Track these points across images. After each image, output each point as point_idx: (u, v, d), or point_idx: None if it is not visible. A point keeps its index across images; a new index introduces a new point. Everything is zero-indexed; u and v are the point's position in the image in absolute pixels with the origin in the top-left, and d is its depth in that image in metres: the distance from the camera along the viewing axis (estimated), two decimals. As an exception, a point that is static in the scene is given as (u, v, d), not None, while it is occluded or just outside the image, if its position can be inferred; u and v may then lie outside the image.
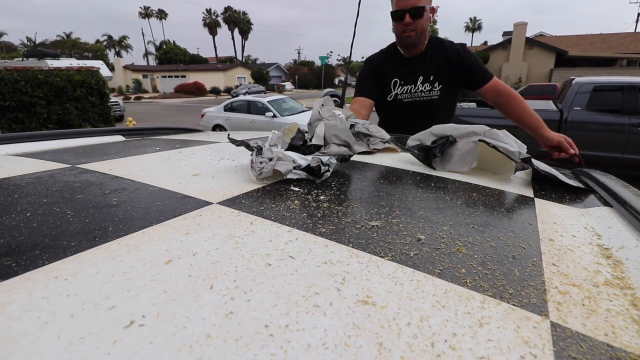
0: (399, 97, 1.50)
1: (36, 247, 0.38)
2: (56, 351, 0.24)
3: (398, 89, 1.49)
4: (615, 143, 4.30)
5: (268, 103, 7.59)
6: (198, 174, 0.67)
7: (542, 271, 0.37)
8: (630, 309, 0.32)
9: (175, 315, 0.27)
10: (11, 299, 0.29)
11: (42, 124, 6.69)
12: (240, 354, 0.24)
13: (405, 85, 1.48)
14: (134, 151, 0.88)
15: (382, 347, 0.25)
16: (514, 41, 19.14)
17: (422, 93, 1.48)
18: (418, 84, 1.47)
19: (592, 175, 0.73)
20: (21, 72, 6.44)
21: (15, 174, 0.66)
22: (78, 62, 10.14)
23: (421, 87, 1.47)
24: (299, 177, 0.64)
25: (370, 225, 0.46)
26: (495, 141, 0.71)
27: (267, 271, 0.34)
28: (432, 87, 1.47)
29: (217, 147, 0.96)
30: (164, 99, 27.28)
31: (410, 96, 1.49)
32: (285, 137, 0.83)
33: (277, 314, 0.28)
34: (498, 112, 1.54)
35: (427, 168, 0.78)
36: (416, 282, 0.34)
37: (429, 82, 1.46)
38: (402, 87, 1.49)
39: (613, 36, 22.44)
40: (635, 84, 4.26)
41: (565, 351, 0.26)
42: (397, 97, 1.50)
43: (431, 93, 1.47)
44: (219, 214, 0.48)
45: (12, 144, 0.97)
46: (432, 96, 1.47)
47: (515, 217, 0.52)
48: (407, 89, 1.48)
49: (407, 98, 1.49)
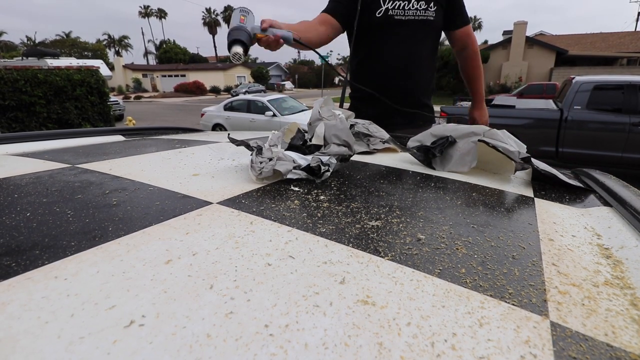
0: (390, 13, 1.31)
1: (36, 246, 0.38)
2: (56, 351, 0.24)
3: (389, 3, 1.30)
4: (616, 142, 4.30)
5: (268, 102, 7.58)
6: (198, 174, 0.67)
7: (542, 271, 0.37)
8: (630, 308, 0.32)
9: (175, 315, 0.27)
10: (11, 299, 0.29)
11: (42, 124, 6.69)
12: (240, 353, 0.24)
13: (398, 0, 1.30)
14: (134, 151, 0.88)
15: (382, 346, 0.25)
16: (514, 40, 19.13)
17: (417, 11, 1.31)
18: (412, 1, 1.30)
19: (592, 175, 0.73)
20: (21, 72, 6.43)
21: (15, 173, 0.66)
22: (78, 62, 10.13)
23: (416, 4, 1.30)
24: (299, 177, 0.64)
25: (370, 225, 0.46)
26: (494, 141, 0.71)
27: (267, 271, 0.34)
28: (427, 5, 1.30)
29: (217, 147, 0.96)
30: (164, 98, 27.27)
31: (404, 13, 1.31)
32: (285, 137, 0.83)
33: (277, 313, 0.28)
34: (498, 112, 1.57)
35: (427, 168, 0.78)
36: (416, 282, 0.34)
37: (425, 0, 1.30)
38: (393, 2, 1.30)
39: (613, 35, 22.42)
40: (636, 83, 4.25)
41: (565, 351, 0.26)
42: (387, 12, 1.31)
43: (427, 12, 1.31)
44: (219, 214, 0.48)
45: (12, 144, 0.97)
46: (428, 16, 1.31)
47: (515, 217, 0.52)
48: (400, 5, 1.30)
49: (399, 15, 1.31)
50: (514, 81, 18.62)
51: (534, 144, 4.53)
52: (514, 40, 19.21)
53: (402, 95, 1.40)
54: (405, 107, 1.41)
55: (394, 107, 1.39)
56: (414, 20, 1.31)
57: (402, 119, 1.41)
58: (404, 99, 1.40)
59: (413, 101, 1.42)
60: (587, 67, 17.34)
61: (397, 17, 1.31)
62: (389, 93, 1.39)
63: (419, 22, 1.32)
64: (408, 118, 1.42)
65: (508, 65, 19.40)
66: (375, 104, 1.41)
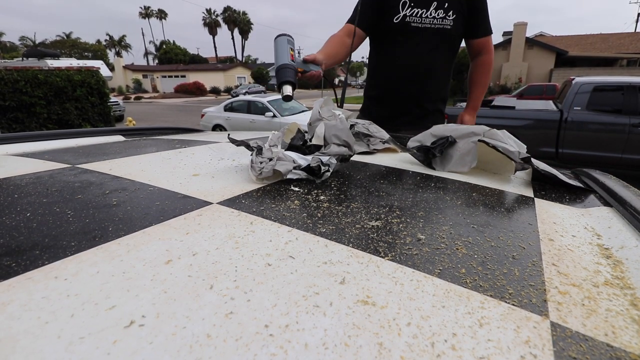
0: (407, 20, 1.33)
1: (36, 247, 0.38)
2: (56, 351, 0.24)
3: (407, 10, 1.32)
4: (615, 143, 4.30)
5: (268, 103, 7.58)
6: (198, 174, 0.67)
7: (542, 271, 0.37)
8: (630, 309, 0.32)
9: (175, 315, 0.27)
10: (11, 299, 0.29)
11: (42, 124, 6.69)
12: (240, 353, 0.24)
13: (416, 8, 1.32)
14: (134, 151, 0.88)
15: (382, 347, 0.25)
16: (514, 41, 19.14)
17: (435, 20, 1.32)
18: (431, 9, 1.31)
19: (592, 175, 0.73)
20: (21, 72, 6.43)
21: (15, 174, 0.66)
22: (78, 62, 10.15)
23: (434, 12, 1.31)
24: (299, 177, 0.64)
25: (370, 225, 0.46)
26: (494, 141, 0.71)
27: (267, 271, 0.34)
28: (445, 14, 1.31)
29: (217, 147, 0.96)
30: (164, 99, 27.29)
31: (420, 21, 1.33)
32: (285, 137, 0.83)
33: (277, 314, 0.28)
34: (498, 112, 1.58)
35: (427, 168, 0.78)
36: (416, 282, 0.34)
37: (443, 9, 1.31)
38: (412, 10, 1.32)
39: (613, 36, 22.43)
40: (635, 84, 4.26)
41: (565, 351, 0.26)
42: (405, 19, 1.33)
43: (444, 21, 1.32)
44: (219, 214, 0.48)
45: (12, 144, 0.97)
46: (444, 25, 1.33)
47: (515, 217, 0.52)
48: (418, 12, 1.32)
49: (416, 22, 1.33)
50: (514, 82, 18.62)
51: (534, 144, 4.53)
52: (514, 41, 19.22)
53: (412, 100, 1.44)
54: (414, 111, 1.45)
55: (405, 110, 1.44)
56: (430, 28, 1.34)
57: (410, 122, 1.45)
58: (414, 103, 1.45)
59: (423, 106, 1.46)
60: (587, 68, 17.35)
61: (414, 25, 1.34)
62: (399, 97, 1.44)
63: (435, 31, 1.34)
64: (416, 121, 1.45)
65: (508, 66, 19.41)
66: (388, 105, 1.47)
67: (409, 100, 1.44)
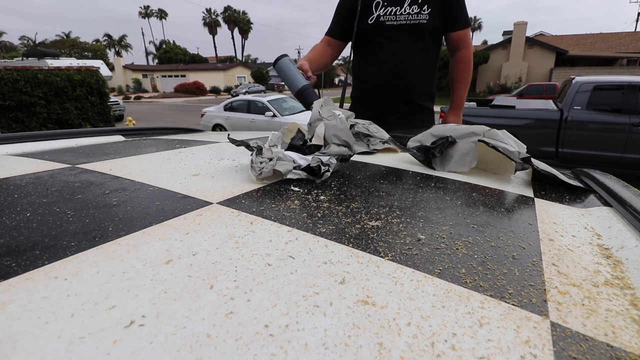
0: (382, 20, 1.34)
1: (36, 247, 0.38)
2: (56, 351, 0.24)
3: (381, 10, 1.34)
4: (616, 142, 4.30)
5: (268, 102, 7.58)
6: (198, 174, 0.67)
7: (542, 271, 0.37)
8: (630, 309, 0.32)
9: (175, 315, 0.27)
10: (11, 299, 0.29)
11: (42, 124, 6.69)
12: (240, 353, 0.24)
13: (390, 6, 1.34)
14: (134, 151, 0.88)
15: (382, 347, 0.25)
16: (514, 40, 19.14)
17: (409, 15, 1.32)
18: (405, 5, 1.32)
19: (592, 175, 0.73)
20: (21, 72, 6.44)
21: (15, 174, 0.66)
22: (78, 62, 10.13)
23: (408, 9, 1.32)
24: (299, 177, 0.64)
25: (370, 226, 0.46)
26: (494, 141, 0.71)
27: (267, 271, 0.34)
28: (420, 9, 1.31)
29: (217, 147, 0.96)
30: (164, 99, 27.27)
31: (395, 18, 1.33)
32: (285, 137, 0.83)
33: (277, 313, 0.28)
34: (498, 112, 1.56)
35: (427, 168, 0.78)
36: (416, 282, 0.34)
37: (417, 4, 1.32)
38: (385, 9, 1.34)
39: (613, 35, 22.42)
40: (636, 84, 4.25)
41: (565, 351, 0.26)
42: (379, 19, 1.35)
43: (419, 16, 1.32)
44: (219, 214, 0.48)
45: (12, 144, 0.97)
46: (420, 19, 1.32)
47: (515, 217, 0.52)
48: (391, 11, 1.33)
49: (390, 20, 1.34)
50: (514, 81, 18.63)
51: (534, 144, 4.53)
52: (514, 41, 19.22)
53: (396, 97, 1.43)
54: (401, 108, 1.44)
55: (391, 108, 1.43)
56: (406, 24, 1.34)
57: (399, 120, 1.44)
58: (399, 100, 1.44)
59: (408, 103, 1.45)
60: (587, 68, 17.35)
61: (389, 23, 1.35)
62: (384, 95, 1.43)
63: (412, 26, 1.34)
64: (404, 119, 1.44)
65: (508, 65, 19.41)
66: (373, 104, 1.46)
67: (394, 97, 1.43)
